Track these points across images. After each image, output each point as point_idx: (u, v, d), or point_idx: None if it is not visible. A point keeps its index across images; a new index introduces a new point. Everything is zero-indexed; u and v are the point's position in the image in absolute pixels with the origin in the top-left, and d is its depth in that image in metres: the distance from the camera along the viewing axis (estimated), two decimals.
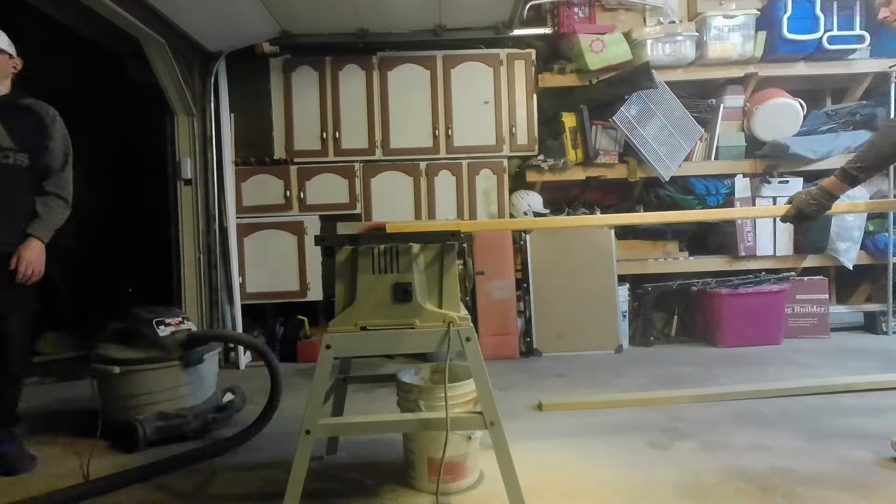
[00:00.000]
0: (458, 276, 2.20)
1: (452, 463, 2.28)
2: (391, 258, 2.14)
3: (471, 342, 2.10)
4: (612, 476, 2.42)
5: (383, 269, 2.14)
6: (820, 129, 4.83)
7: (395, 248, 2.14)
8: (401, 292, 2.12)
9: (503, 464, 2.06)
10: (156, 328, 3.10)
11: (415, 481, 2.35)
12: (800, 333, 4.80)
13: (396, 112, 4.76)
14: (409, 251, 2.14)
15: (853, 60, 4.81)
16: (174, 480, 2.53)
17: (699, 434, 2.83)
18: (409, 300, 2.13)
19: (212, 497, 2.38)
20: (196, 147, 4.58)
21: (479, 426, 2.10)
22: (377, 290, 2.14)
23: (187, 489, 2.46)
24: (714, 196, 4.81)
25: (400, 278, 2.13)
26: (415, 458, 2.33)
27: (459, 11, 4.34)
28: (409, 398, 2.31)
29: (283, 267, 4.70)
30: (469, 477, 2.37)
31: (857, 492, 2.19)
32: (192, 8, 3.83)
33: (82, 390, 3.97)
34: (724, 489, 2.25)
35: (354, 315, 2.14)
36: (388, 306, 2.13)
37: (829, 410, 3.07)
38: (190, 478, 2.56)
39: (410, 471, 2.36)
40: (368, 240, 2.13)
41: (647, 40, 4.61)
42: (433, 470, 2.27)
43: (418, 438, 2.31)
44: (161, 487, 2.47)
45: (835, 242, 4.76)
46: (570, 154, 4.71)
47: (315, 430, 2.06)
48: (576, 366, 4.20)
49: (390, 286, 2.13)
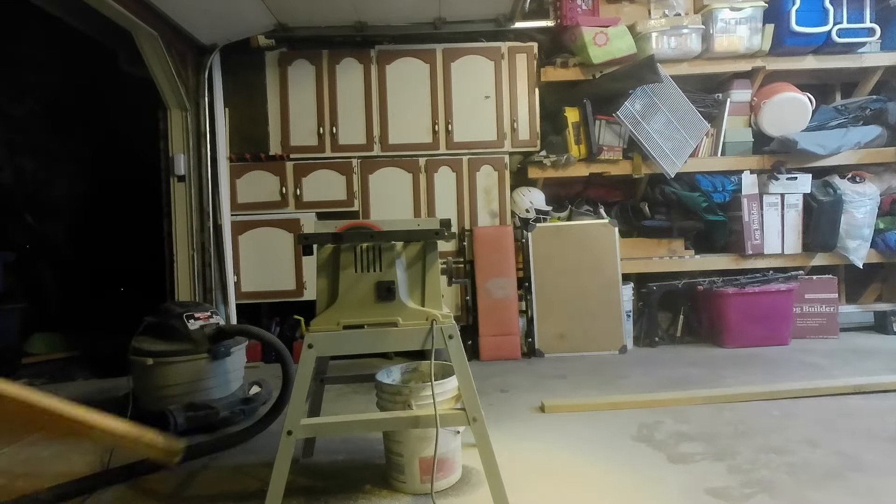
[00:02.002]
0: (440, 274, 2.22)
1: (443, 459, 2.30)
2: (374, 256, 2.17)
3: (453, 340, 2.12)
4: (615, 479, 2.42)
5: (366, 267, 2.16)
6: (829, 125, 4.84)
7: (377, 246, 2.16)
8: (384, 290, 2.15)
9: (486, 459, 2.09)
10: (186, 322, 3.31)
11: (405, 485, 2.33)
12: (808, 334, 4.81)
13: (395, 107, 4.77)
14: (391, 249, 2.16)
15: (863, 54, 4.82)
16: (164, 478, 2.55)
17: (705, 436, 2.83)
18: (392, 298, 2.15)
19: (208, 497, 2.40)
20: (190, 142, 4.59)
21: (462, 422, 2.12)
22: (360, 288, 2.16)
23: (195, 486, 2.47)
24: (720, 193, 4.82)
25: (383, 276, 2.16)
26: (404, 461, 2.32)
27: (460, 4, 4.35)
28: (396, 399, 2.31)
29: (278, 265, 4.71)
30: (457, 472, 2.39)
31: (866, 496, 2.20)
32: (187, 1, 3.83)
33: (73, 390, 4.03)
34: (731, 492, 2.26)
35: (337, 314, 2.16)
36: (371, 305, 2.16)
37: (839, 412, 3.08)
38: (188, 474, 2.57)
39: (397, 473, 2.34)
40: (351, 238, 2.14)
41: (652, 33, 4.62)
42: (424, 470, 2.28)
43: (407, 440, 2.30)
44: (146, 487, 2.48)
45: (844, 240, 4.77)
46: (573, 150, 4.71)
47: (297, 430, 2.07)
48: (579, 367, 4.20)
49: (373, 284, 2.16)
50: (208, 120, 4.60)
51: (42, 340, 5.02)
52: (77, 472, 2.60)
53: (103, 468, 2.61)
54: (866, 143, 4.82)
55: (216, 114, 4.65)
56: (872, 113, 4.89)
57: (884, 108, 4.85)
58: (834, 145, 4.72)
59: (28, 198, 5.56)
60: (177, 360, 3.23)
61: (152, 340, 3.29)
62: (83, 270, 5.68)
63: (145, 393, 3.24)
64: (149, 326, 3.37)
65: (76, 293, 5.62)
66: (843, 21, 4.64)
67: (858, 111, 4.89)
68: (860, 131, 4.80)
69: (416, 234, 2.19)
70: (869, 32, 4.69)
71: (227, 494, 2.41)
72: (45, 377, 4.43)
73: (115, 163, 5.68)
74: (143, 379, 3.24)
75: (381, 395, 2.38)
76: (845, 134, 4.77)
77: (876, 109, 4.88)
